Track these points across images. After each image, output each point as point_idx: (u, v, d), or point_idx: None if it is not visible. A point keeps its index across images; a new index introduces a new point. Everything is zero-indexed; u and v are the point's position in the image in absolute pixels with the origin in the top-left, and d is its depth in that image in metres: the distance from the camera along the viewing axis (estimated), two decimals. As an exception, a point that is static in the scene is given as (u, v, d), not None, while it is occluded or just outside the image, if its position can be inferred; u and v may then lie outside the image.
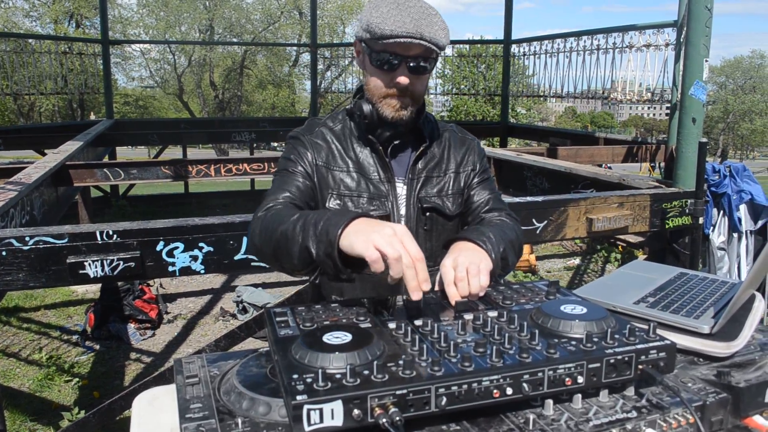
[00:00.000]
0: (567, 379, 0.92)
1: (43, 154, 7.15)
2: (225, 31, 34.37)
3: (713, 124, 56.37)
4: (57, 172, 4.36)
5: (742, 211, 4.19)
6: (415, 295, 1.08)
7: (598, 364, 0.94)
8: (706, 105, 3.63)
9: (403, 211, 1.55)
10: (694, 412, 0.94)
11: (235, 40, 34.13)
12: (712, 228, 4.32)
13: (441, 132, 1.65)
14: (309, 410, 0.80)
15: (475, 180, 1.64)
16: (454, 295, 1.18)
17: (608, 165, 6.55)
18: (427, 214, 1.57)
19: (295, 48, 34.66)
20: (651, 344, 0.98)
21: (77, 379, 4.23)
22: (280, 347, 0.97)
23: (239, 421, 0.90)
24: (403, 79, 1.44)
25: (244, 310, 5.37)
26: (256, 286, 5.85)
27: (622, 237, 6.64)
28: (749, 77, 53.66)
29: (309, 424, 0.80)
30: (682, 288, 1.37)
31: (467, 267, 1.21)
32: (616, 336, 1.00)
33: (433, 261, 1.58)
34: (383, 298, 1.17)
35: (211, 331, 5.13)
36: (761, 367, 1.10)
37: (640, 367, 0.97)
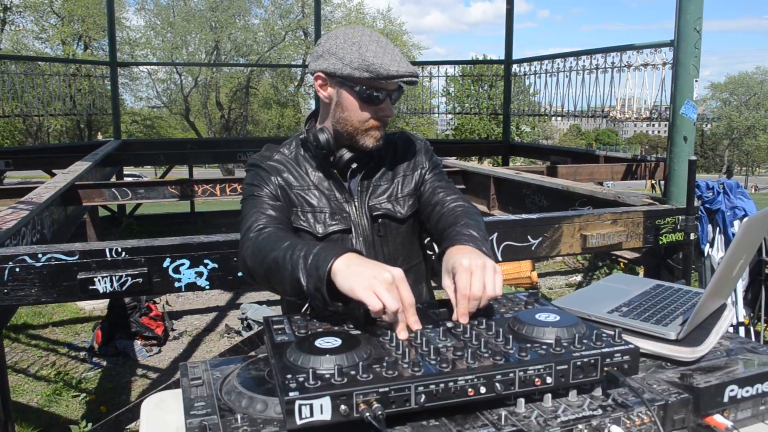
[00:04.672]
0: (537, 379, 1.01)
1: (52, 174, 7.29)
2: (231, 52, 34.78)
3: (718, 141, 56.43)
4: (66, 191, 4.48)
5: (737, 227, 4.26)
6: (402, 335, 1.14)
7: (565, 366, 1.03)
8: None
9: (360, 222, 1.64)
10: (653, 411, 1.03)
11: (241, 60, 34.51)
12: (709, 244, 4.40)
13: (391, 143, 1.73)
14: (300, 405, 0.89)
15: (428, 176, 1.72)
16: (463, 312, 1.22)
17: (599, 182, 6.63)
18: (379, 220, 1.66)
19: (300, 68, 34.99)
20: (616, 348, 1.07)
21: (85, 395, 4.31)
22: (276, 351, 1.06)
23: (238, 417, 0.99)
24: (389, 112, 1.56)
25: (249, 327, 5.45)
26: (260, 303, 5.93)
27: (621, 254, 6.71)
28: (753, 93, 53.75)
29: (300, 418, 0.89)
30: (655, 298, 1.46)
31: (484, 281, 1.24)
32: (584, 341, 1.09)
33: (392, 264, 1.66)
34: None
35: (217, 348, 5.21)
36: (726, 372, 1.19)
37: (606, 369, 1.05)
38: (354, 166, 1.65)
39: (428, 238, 1.90)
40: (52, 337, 5.49)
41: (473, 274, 1.23)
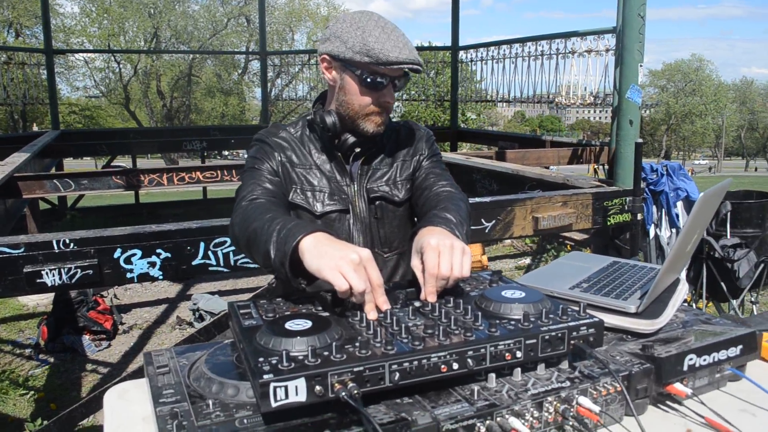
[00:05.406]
0: (507, 354, 1.03)
1: (-13, 167, 6.99)
2: (171, 39, 33.99)
3: (657, 126, 58.17)
4: (5, 184, 4.31)
5: (679, 208, 4.42)
6: (371, 315, 1.14)
7: (534, 340, 1.05)
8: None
9: (357, 204, 1.66)
10: (620, 381, 1.05)
11: (182, 48, 33.76)
12: (654, 225, 4.55)
13: (394, 130, 1.76)
14: (275, 387, 0.88)
15: (425, 163, 1.74)
16: (431, 292, 1.23)
17: (545, 166, 6.75)
18: (376, 203, 1.68)
19: (243, 55, 34.47)
20: (581, 321, 1.09)
21: (33, 392, 4.18)
22: (245, 336, 1.05)
23: (210, 402, 0.97)
24: (391, 99, 1.57)
25: (201, 318, 5.37)
26: (212, 293, 5.85)
27: (570, 236, 6.86)
28: (689, 80, 55.51)
29: (275, 400, 0.88)
30: (613, 275, 1.50)
31: (452, 263, 1.25)
32: (551, 316, 1.11)
33: (388, 246, 1.69)
34: None
35: (168, 340, 5.12)
36: (684, 343, 1.23)
37: (572, 342, 1.08)
38: (357, 150, 1.66)
39: None
40: (-6, 335, 5.30)
41: (441, 254, 1.24)
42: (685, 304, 1.50)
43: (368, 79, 1.53)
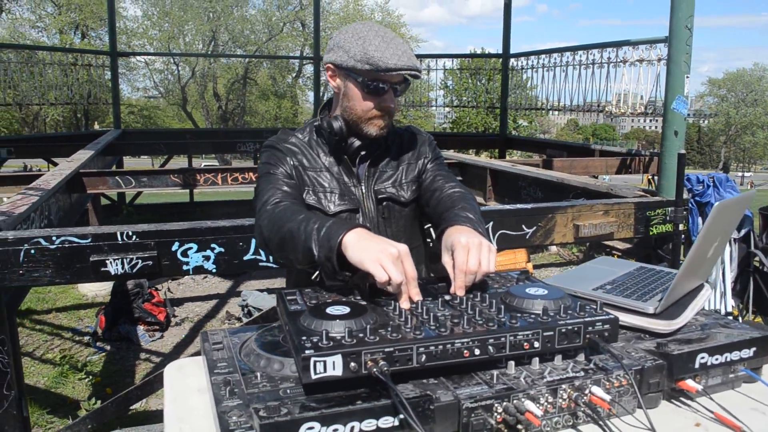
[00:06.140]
0: (525, 343, 1.13)
1: (52, 163, 7.38)
2: (228, 43, 34.79)
3: (715, 137, 56.59)
4: (71, 179, 4.57)
5: (726, 220, 4.38)
6: (404, 305, 1.26)
7: (551, 332, 1.14)
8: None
9: (366, 204, 1.77)
10: (630, 374, 1.14)
11: (238, 51, 34.52)
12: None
13: (398, 135, 1.87)
14: (315, 362, 1.01)
15: (430, 165, 1.85)
16: (460, 286, 1.34)
17: (593, 175, 6.72)
18: (384, 203, 1.79)
19: (298, 59, 35.03)
20: (597, 317, 1.18)
21: (90, 377, 4.43)
22: (291, 318, 1.18)
23: (258, 374, 1.10)
24: (392, 103, 1.68)
25: (249, 314, 5.56)
26: (260, 290, 6.04)
27: (613, 245, 6.84)
28: (751, 90, 53.85)
29: (315, 373, 1.01)
30: (638, 278, 1.57)
31: (480, 258, 1.36)
32: (569, 311, 1.20)
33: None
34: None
35: (217, 334, 5.31)
36: (699, 343, 1.30)
37: (588, 336, 1.17)
38: (363, 153, 1.78)
39: (428, 225, 2.03)
40: (56, 322, 5.60)
41: (470, 252, 1.35)
42: (707, 309, 1.57)
43: (370, 86, 1.64)
